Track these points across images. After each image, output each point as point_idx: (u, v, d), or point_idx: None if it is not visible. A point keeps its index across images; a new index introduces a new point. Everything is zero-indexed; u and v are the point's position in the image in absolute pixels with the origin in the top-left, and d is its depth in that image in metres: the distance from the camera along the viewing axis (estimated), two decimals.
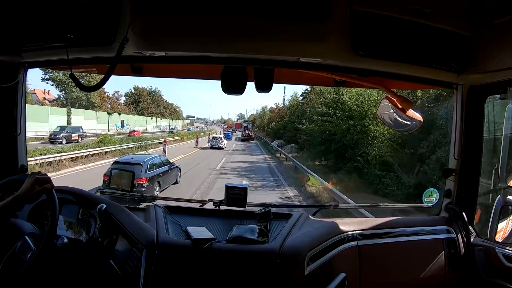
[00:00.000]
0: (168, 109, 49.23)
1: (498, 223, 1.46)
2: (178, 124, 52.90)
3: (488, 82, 1.48)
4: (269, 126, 35.47)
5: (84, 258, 1.40)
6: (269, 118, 37.43)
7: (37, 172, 1.21)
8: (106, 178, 7.51)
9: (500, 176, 1.51)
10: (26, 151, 1.67)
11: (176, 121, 52.27)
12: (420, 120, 1.59)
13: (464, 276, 1.57)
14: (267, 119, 44.40)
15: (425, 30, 1.27)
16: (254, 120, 55.85)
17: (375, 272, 1.51)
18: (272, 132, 29.85)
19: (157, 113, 44.16)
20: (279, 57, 1.35)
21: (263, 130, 44.36)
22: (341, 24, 1.17)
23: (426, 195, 1.84)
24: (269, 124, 36.08)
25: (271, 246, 1.34)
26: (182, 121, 58.11)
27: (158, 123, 44.27)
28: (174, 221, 1.51)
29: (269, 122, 35.50)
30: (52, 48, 1.32)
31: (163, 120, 46.68)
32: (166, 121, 47.98)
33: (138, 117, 39.55)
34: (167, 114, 48.26)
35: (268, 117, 41.39)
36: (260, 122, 50.87)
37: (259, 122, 51.87)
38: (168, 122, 47.45)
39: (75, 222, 1.51)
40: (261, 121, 50.81)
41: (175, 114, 52.27)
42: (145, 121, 40.85)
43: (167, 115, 48.50)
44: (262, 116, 51.51)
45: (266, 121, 44.25)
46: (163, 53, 1.32)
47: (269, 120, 35.44)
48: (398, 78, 1.51)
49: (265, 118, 47.75)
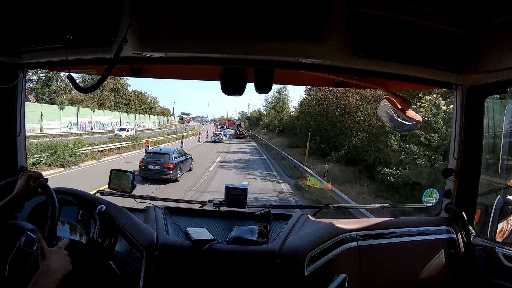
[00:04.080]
0: (136, 100, 35.07)
1: (498, 223, 1.46)
2: (151, 120, 38.91)
3: (488, 82, 1.48)
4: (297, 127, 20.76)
5: (84, 260, 1.39)
6: (300, 113, 20.67)
7: (27, 170, 1.22)
8: (143, 164, 10.18)
9: (500, 176, 1.52)
10: (26, 152, 1.67)
11: (149, 116, 38.58)
12: (419, 120, 1.59)
13: (464, 276, 1.57)
14: (294, 113, 27.01)
15: (424, 30, 1.27)
16: (260, 117, 41.06)
17: (375, 272, 1.50)
18: (316, 142, 15.82)
19: (113, 104, 30.93)
20: (278, 58, 1.35)
21: (281, 133, 27.52)
22: (341, 25, 1.17)
23: (426, 195, 1.84)
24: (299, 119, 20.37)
25: (271, 247, 1.34)
26: (164, 118, 44.67)
27: (123, 119, 31.58)
28: (174, 222, 1.51)
29: (298, 118, 20.03)
30: (51, 49, 1.32)
31: (131, 114, 33.56)
32: (143, 117, 35.90)
33: (97, 111, 27.86)
34: (135, 107, 34.61)
35: (298, 112, 23.33)
36: (273, 119, 33.42)
37: (271, 117, 34.04)
38: (135, 117, 34.25)
39: (75, 223, 1.50)
40: (274, 116, 33.21)
41: (142, 106, 36.82)
42: (106, 116, 29.01)
43: (136, 108, 35.00)
44: (277, 108, 33.35)
45: (288, 117, 28.25)
46: (162, 54, 1.32)
47: (300, 115, 19.66)
48: (397, 79, 1.51)
49: (284, 111, 32.05)
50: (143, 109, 37.15)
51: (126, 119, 32.42)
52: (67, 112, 23.40)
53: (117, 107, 31.58)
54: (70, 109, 24.22)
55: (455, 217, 1.66)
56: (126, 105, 33.11)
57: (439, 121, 8.94)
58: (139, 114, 35.62)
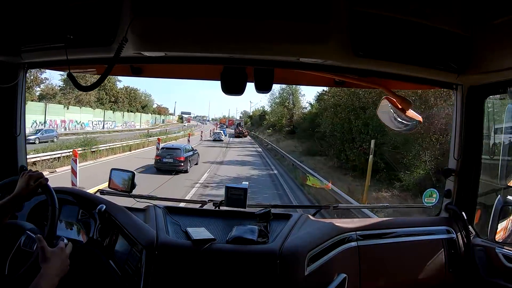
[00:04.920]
0: (125, 97, 30.98)
1: (498, 223, 1.46)
2: (144, 119, 34.76)
3: (488, 82, 1.49)
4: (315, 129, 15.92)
5: (84, 259, 1.39)
6: (323, 108, 16.03)
7: (28, 170, 1.22)
8: (158, 157, 11.79)
9: (500, 176, 1.52)
10: (26, 152, 1.67)
11: (140, 115, 34.58)
12: (419, 120, 1.59)
13: (464, 276, 1.57)
14: (309, 109, 22.83)
15: (425, 30, 1.27)
16: (263, 115, 35.67)
17: (375, 272, 1.50)
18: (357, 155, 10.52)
19: (95, 101, 27.26)
20: (279, 58, 1.35)
21: (292, 134, 22.69)
22: (341, 24, 1.17)
23: (426, 195, 1.84)
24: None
25: (271, 247, 1.34)
26: (160, 117, 41.83)
27: (109, 117, 28.31)
28: (174, 222, 1.51)
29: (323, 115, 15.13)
30: (52, 48, 1.32)
31: (117, 112, 29.97)
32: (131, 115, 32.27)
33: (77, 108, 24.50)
34: (123, 104, 30.68)
35: (317, 109, 19.18)
36: (280, 117, 27.66)
37: (278, 115, 28.14)
38: (122, 116, 30.69)
39: (75, 223, 1.50)
40: (281, 114, 27.45)
41: (133, 104, 32.78)
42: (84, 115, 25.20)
43: (125, 105, 31.06)
44: (286, 104, 27.43)
45: (301, 115, 24.24)
46: (162, 54, 1.32)
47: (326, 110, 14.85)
48: (398, 79, 1.51)
49: (296, 106, 26.64)
50: (134, 106, 33.61)
51: (111, 117, 29.05)
52: (31, 109, 19.31)
53: (101, 104, 28.04)
54: (36, 106, 20.75)
55: (455, 217, 1.66)
56: (113, 102, 29.91)
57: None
58: (128, 113, 32.07)
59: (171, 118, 48.31)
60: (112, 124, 28.78)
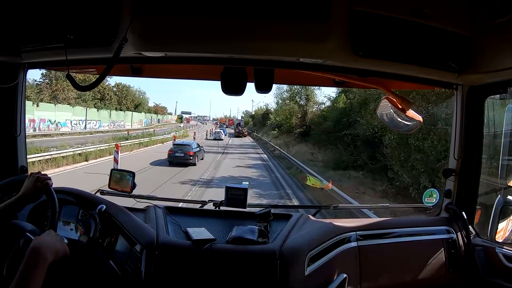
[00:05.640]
0: (114, 94, 28.14)
1: (498, 223, 1.46)
2: (136, 118, 31.72)
3: (488, 82, 1.48)
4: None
5: (84, 259, 1.39)
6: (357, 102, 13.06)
7: (36, 172, 1.22)
8: (171, 152, 14.03)
9: (500, 176, 1.52)
10: (26, 152, 1.67)
11: (131, 114, 31.42)
12: (420, 121, 1.59)
13: (464, 276, 1.57)
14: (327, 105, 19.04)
15: (425, 30, 1.27)
16: (267, 114, 31.75)
17: (375, 272, 1.50)
18: None
19: (75, 97, 24.24)
20: (279, 58, 1.35)
21: (304, 136, 18.85)
22: (341, 24, 1.17)
23: (426, 195, 1.84)
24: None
25: (271, 247, 1.34)
26: (157, 116, 39.55)
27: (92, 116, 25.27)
28: (174, 222, 1.51)
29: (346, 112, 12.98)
30: (51, 48, 1.32)
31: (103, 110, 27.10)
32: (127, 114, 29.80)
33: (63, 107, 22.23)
34: (111, 102, 27.89)
35: (345, 103, 16.00)
36: (288, 115, 23.57)
37: (286, 113, 23.93)
38: (109, 114, 27.70)
39: (75, 223, 1.50)
40: (290, 112, 23.19)
41: (124, 102, 29.57)
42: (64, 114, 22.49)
43: (113, 103, 28.27)
44: (297, 100, 23.03)
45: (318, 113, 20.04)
46: (162, 54, 1.32)
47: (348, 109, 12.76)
48: (398, 78, 1.51)
49: (310, 102, 22.14)
50: (125, 105, 30.54)
51: (96, 116, 25.40)
52: None
53: (83, 102, 25.00)
54: None
55: (455, 217, 1.66)
56: (99, 99, 27.05)
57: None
58: (116, 111, 28.79)
59: (169, 118, 46.69)
60: (97, 124, 25.48)
